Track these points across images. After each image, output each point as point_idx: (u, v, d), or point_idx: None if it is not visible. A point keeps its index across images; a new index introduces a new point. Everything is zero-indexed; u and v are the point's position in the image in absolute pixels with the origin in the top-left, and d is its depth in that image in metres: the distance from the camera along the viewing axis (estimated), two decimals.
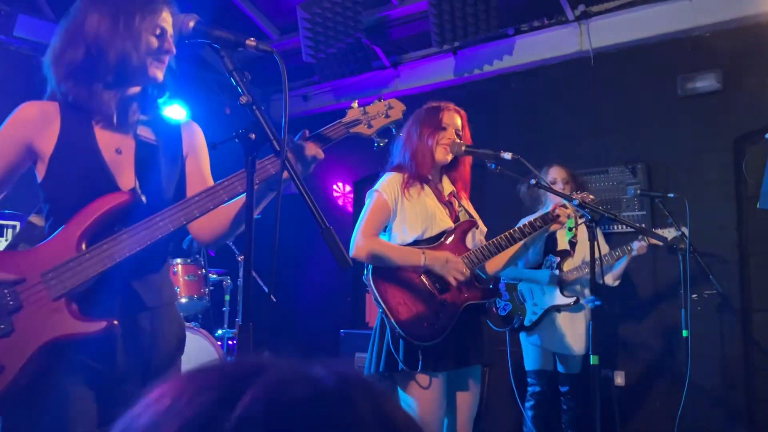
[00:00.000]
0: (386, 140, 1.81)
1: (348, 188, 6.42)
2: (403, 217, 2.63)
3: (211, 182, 1.89)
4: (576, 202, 2.63)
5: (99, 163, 1.71)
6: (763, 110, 4.35)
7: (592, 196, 2.84)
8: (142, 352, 1.74)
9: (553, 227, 2.70)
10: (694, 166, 4.60)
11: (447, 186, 2.78)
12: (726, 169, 4.50)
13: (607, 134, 4.96)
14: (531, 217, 3.70)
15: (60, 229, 1.63)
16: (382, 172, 2.77)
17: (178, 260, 4.62)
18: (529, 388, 4.06)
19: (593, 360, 2.59)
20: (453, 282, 2.51)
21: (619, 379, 4.70)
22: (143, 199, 1.67)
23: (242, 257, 4.90)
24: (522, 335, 4.06)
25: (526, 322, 3.95)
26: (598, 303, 2.53)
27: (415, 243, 2.61)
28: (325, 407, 0.48)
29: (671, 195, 4.24)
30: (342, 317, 6.12)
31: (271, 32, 6.13)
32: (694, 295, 4.48)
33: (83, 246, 1.61)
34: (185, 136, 1.90)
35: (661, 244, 3.97)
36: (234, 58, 1.53)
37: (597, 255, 2.64)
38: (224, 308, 5.17)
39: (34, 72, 1.89)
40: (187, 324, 4.42)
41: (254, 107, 1.48)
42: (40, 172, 1.71)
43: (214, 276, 5.09)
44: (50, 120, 1.70)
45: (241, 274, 5.10)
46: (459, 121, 2.74)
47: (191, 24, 1.53)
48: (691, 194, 4.36)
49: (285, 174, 1.52)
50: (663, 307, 4.65)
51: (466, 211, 2.78)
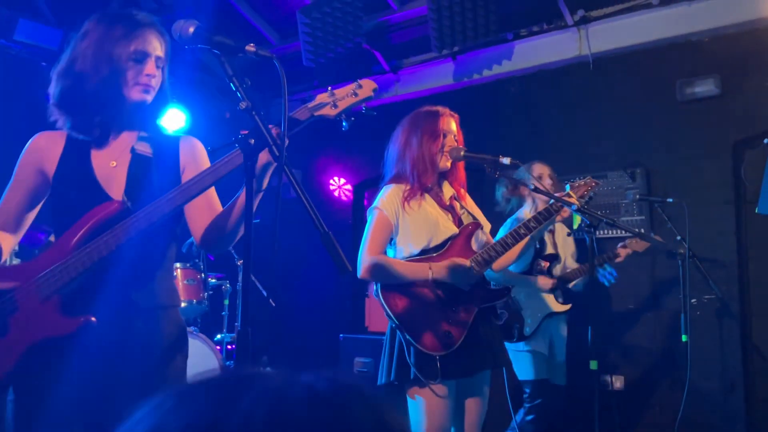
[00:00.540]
0: (353, 119, 1.84)
1: (343, 180, 6.42)
2: (406, 230, 2.61)
3: (212, 195, 1.94)
4: (574, 207, 2.64)
5: (91, 177, 1.83)
6: (762, 115, 4.36)
7: (595, 182, 2.85)
8: (136, 354, 1.78)
9: (560, 216, 2.73)
10: (693, 171, 4.60)
11: (447, 190, 2.77)
12: (725, 173, 4.51)
13: (606, 139, 4.96)
14: (518, 211, 3.73)
15: (56, 241, 1.75)
16: (381, 183, 2.75)
17: (178, 264, 4.62)
18: (528, 400, 3.83)
19: (592, 365, 2.59)
20: (465, 287, 2.51)
21: (619, 383, 4.69)
22: (130, 205, 1.75)
23: (241, 261, 4.90)
24: (518, 344, 3.83)
25: (527, 331, 3.80)
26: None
27: (422, 253, 2.60)
28: (321, 411, 0.49)
29: (670, 200, 4.25)
30: (341, 322, 6.11)
31: (272, 37, 6.14)
32: (693, 300, 4.48)
33: (73, 251, 1.71)
34: (183, 150, 1.96)
35: (637, 250, 3.94)
36: (234, 63, 1.54)
37: (595, 260, 2.64)
38: (223, 312, 5.16)
39: (35, 76, 1.96)
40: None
41: (253, 113, 1.49)
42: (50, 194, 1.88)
43: (213, 280, 5.09)
44: (56, 146, 1.87)
45: (240, 278, 5.10)
46: (454, 126, 2.73)
47: (191, 30, 1.54)
48: (690, 199, 4.37)
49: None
50: (662, 312, 4.65)
51: (469, 212, 2.78)
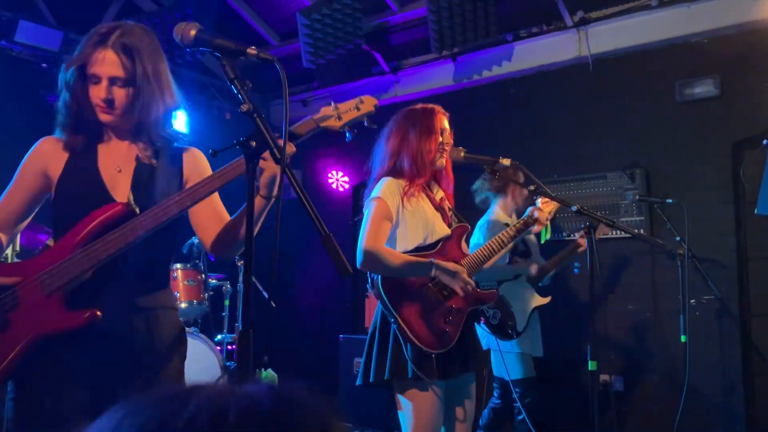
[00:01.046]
0: (355, 131, 1.87)
1: (342, 174, 6.42)
2: (404, 224, 2.60)
3: (218, 203, 1.99)
4: (574, 208, 2.65)
5: (97, 181, 1.86)
6: (761, 116, 4.37)
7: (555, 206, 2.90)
8: (137, 352, 1.81)
9: (536, 229, 2.87)
10: (692, 172, 4.61)
11: (437, 192, 2.77)
12: (724, 174, 4.52)
13: (606, 140, 4.97)
14: (490, 211, 3.74)
15: (60, 239, 1.77)
16: (370, 179, 2.71)
17: (178, 265, 4.63)
18: (520, 400, 3.78)
19: (592, 365, 2.60)
20: (461, 292, 2.50)
21: (618, 383, 4.70)
22: (137, 210, 1.78)
23: (242, 262, 4.91)
24: (508, 344, 3.77)
25: (519, 328, 3.74)
26: None
27: (416, 250, 2.60)
28: (260, 419, 0.52)
29: (669, 200, 4.26)
30: (341, 322, 6.12)
31: (272, 38, 6.15)
32: (692, 301, 4.49)
33: (78, 249, 1.73)
34: (187, 161, 2.00)
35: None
36: (235, 66, 1.55)
37: (594, 263, 2.65)
38: (224, 313, 5.17)
39: (35, 77, 1.98)
40: (186, 329, 4.43)
41: (255, 115, 1.49)
42: (52, 197, 1.90)
43: (214, 281, 5.10)
44: (62, 150, 1.89)
45: (240, 279, 5.11)
46: (447, 124, 2.72)
47: (193, 33, 1.55)
48: (689, 200, 4.38)
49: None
50: (662, 312, 4.66)
51: (455, 214, 2.79)
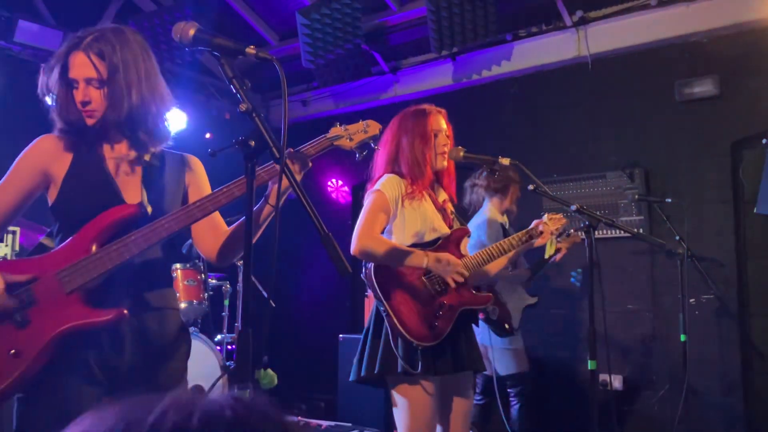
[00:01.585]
0: (365, 152, 2.02)
1: (341, 182, 6.43)
2: (403, 219, 2.61)
3: (215, 213, 1.99)
4: (574, 207, 2.64)
5: (108, 181, 1.86)
6: (760, 115, 4.37)
7: (566, 221, 2.87)
8: (149, 351, 1.83)
9: (538, 242, 2.77)
10: (691, 171, 4.62)
11: (440, 193, 2.77)
12: (723, 174, 4.52)
13: (605, 139, 4.97)
14: (483, 209, 3.71)
15: (71, 238, 1.78)
16: (369, 183, 2.71)
17: (178, 265, 4.62)
18: (513, 391, 3.94)
19: (591, 365, 2.60)
20: (452, 283, 2.50)
21: (617, 383, 4.70)
22: (149, 211, 1.82)
23: (241, 262, 4.91)
24: (503, 341, 3.82)
25: (516, 324, 3.81)
26: None
27: (414, 246, 2.60)
28: (221, 424, 0.53)
29: (669, 200, 4.26)
30: (341, 322, 6.12)
31: (271, 38, 6.15)
32: (692, 300, 4.49)
33: (93, 248, 1.75)
34: (188, 167, 2.03)
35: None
36: (234, 65, 1.54)
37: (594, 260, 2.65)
38: (223, 313, 5.17)
39: (35, 77, 1.98)
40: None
41: (254, 114, 1.49)
42: (52, 195, 1.88)
43: (214, 281, 5.09)
44: (65, 149, 1.88)
45: (240, 279, 5.10)
46: (444, 123, 2.71)
47: (191, 32, 1.54)
48: (688, 199, 4.38)
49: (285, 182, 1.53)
50: (661, 312, 4.66)
51: (458, 217, 2.79)
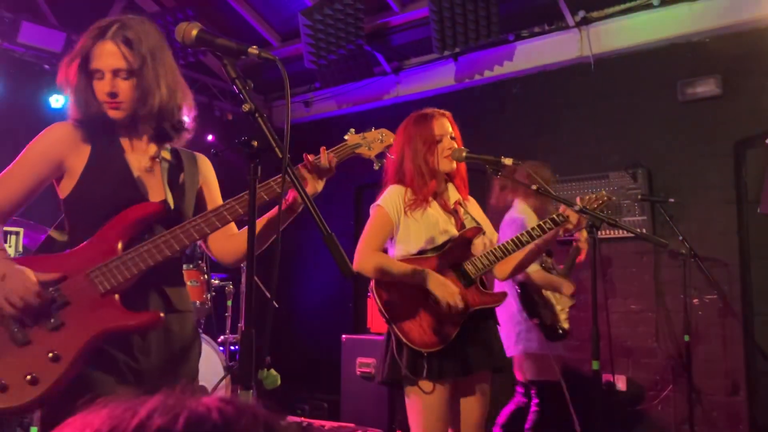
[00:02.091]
0: (383, 162, 2.09)
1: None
2: (407, 230, 2.61)
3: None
4: (577, 207, 2.62)
5: (130, 177, 1.82)
6: (763, 115, 4.36)
7: (608, 196, 2.75)
8: (172, 352, 1.83)
9: (565, 230, 2.61)
10: (694, 171, 4.61)
11: (453, 194, 2.76)
12: (726, 173, 4.51)
13: (608, 139, 4.97)
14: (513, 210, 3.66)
15: (95, 235, 1.73)
16: (378, 190, 2.73)
17: None
18: (535, 401, 3.78)
19: (594, 365, 2.59)
20: (446, 309, 2.46)
21: (621, 383, 4.70)
22: (172, 209, 1.81)
23: (244, 263, 4.90)
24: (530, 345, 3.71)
25: (564, 327, 3.72)
26: None
27: (420, 253, 2.60)
28: (212, 423, 0.53)
29: (672, 200, 4.25)
30: (344, 322, 6.12)
31: (273, 39, 6.16)
32: (695, 300, 4.48)
33: (119, 247, 1.72)
34: (201, 167, 2.02)
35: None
36: (236, 65, 1.54)
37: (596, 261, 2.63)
38: (226, 314, 5.18)
39: (38, 78, 1.96)
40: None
41: (257, 115, 1.49)
42: (66, 188, 1.81)
43: (217, 281, 5.10)
44: (82, 140, 1.82)
45: (243, 279, 5.11)
46: (449, 125, 2.70)
47: (194, 33, 1.54)
48: (691, 199, 4.38)
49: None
50: (664, 312, 4.66)
51: (473, 218, 2.77)
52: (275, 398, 0.88)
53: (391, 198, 2.62)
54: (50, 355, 1.62)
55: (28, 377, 1.60)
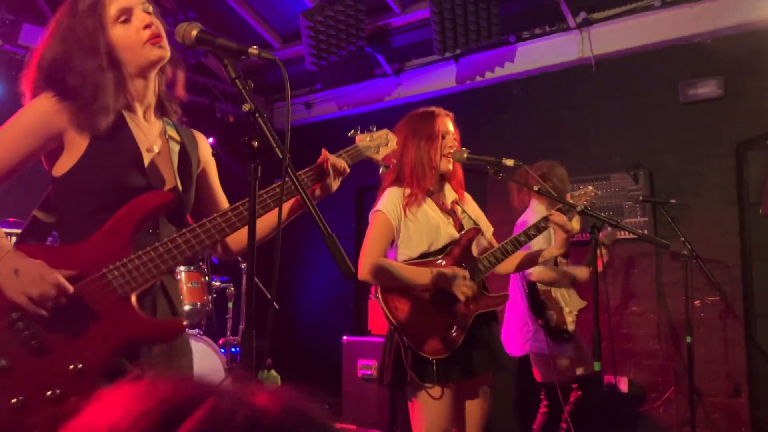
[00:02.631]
0: (389, 166, 2.11)
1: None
2: (408, 233, 2.60)
3: (221, 193, 1.94)
4: (578, 208, 2.64)
5: (140, 162, 1.66)
6: (765, 116, 4.36)
7: (595, 192, 2.85)
8: (171, 356, 1.76)
9: (559, 232, 2.68)
10: (696, 172, 4.60)
11: (449, 194, 2.76)
12: (728, 175, 4.51)
13: (609, 141, 4.96)
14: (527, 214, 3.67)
15: (107, 226, 1.56)
16: (378, 190, 2.73)
17: (181, 267, 4.62)
18: (544, 402, 3.78)
19: (596, 366, 2.59)
20: (461, 297, 2.49)
21: (622, 384, 4.69)
22: (183, 198, 1.70)
23: (245, 264, 4.91)
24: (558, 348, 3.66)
25: (570, 329, 3.70)
26: None
27: (422, 257, 2.60)
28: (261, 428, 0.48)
29: (673, 201, 4.24)
30: (344, 324, 6.12)
31: (274, 40, 6.16)
32: (697, 301, 4.48)
33: (131, 241, 1.57)
34: (201, 145, 1.92)
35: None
36: (237, 66, 1.54)
37: (600, 262, 2.64)
38: (227, 316, 5.17)
39: None
40: (190, 331, 4.43)
41: (257, 115, 1.49)
42: (63, 165, 1.62)
43: (218, 283, 5.10)
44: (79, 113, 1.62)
45: (244, 281, 5.11)
46: (451, 125, 2.71)
47: (194, 33, 1.53)
48: (693, 200, 4.37)
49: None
50: (666, 313, 4.65)
51: (470, 217, 2.77)
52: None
53: (391, 201, 2.61)
54: (72, 367, 1.43)
55: (49, 393, 1.40)
